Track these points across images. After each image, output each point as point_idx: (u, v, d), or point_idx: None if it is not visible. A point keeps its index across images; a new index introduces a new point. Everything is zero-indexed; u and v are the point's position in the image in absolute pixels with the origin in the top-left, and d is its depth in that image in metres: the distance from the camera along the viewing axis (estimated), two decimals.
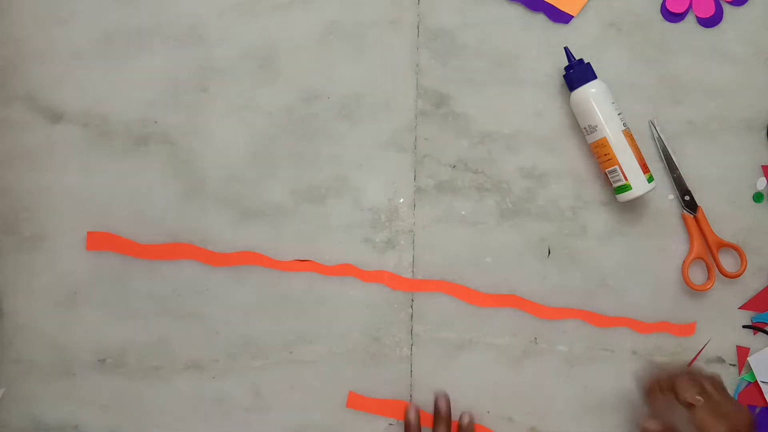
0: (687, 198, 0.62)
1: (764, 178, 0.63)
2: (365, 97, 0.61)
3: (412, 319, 0.61)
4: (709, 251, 0.63)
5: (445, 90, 0.61)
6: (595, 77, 0.58)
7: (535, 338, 0.62)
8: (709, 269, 0.63)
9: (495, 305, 0.62)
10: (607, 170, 0.59)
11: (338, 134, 0.61)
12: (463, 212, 0.62)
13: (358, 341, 0.61)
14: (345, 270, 0.61)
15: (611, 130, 0.57)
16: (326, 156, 0.61)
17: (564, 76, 0.59)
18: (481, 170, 0.62)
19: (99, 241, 0.61)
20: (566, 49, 0.58)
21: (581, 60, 0.59)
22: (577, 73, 0.58)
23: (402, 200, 0.61)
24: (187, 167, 0.61)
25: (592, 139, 0.58)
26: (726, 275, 0.63)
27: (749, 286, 0.64)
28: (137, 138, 0.61)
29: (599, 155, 0.58)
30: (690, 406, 0.50)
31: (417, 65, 0.61)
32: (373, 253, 0.61)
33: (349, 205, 0.61)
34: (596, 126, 0.57)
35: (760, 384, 0.63)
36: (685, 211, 0.62)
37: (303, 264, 0.61)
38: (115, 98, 0.61)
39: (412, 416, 0.60)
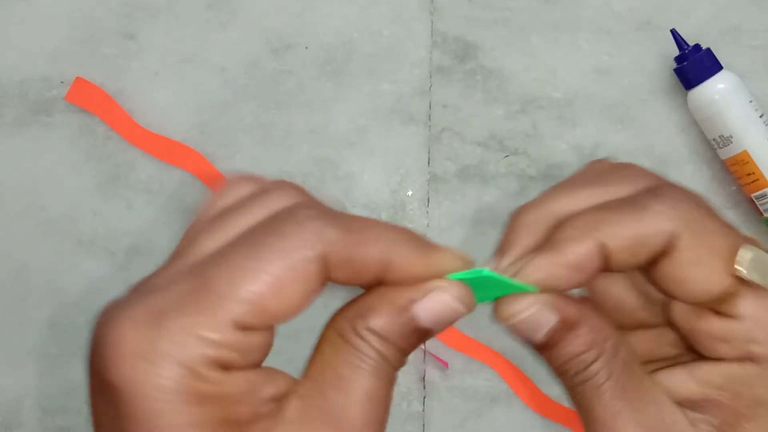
0: None
1: None
2: (358, 47, 0.54)
3: (425, 360, 0.53)
4: None
5: (471, 37, 0.54)
6: (720, 68, 0.51)
7: None
8: None
9: None
10: (753, 195, 0.52)
11: (320, 99, 0.54)
12: (497, 210, 0.54)
13: None
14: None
15: (753, 140, 0.51)
16: (303, 130, 0.54)
17: (675, 71, 0.52)
18: (522, 150, 0.54)
19: None
20: (674, 33, 0.51)
21: (698, 46, 0.51)
22: (694, 65, 0.51)
23: (411, 193, 0.54)
24: (105, 146, 0.53)
25: (726, 153, 0.52)
26: None
27: None
28: (36, 105, 0.54)
29: (740, 175, 0.52)
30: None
31: (432, 1, 0.54)
32: None
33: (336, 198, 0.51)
34: (731, 136, 0.50)
35: None
36: None
37: None
38: (4, 49, 0.54)
39: None
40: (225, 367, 0.20)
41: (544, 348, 0.24)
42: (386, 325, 0.22)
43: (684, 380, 0.24)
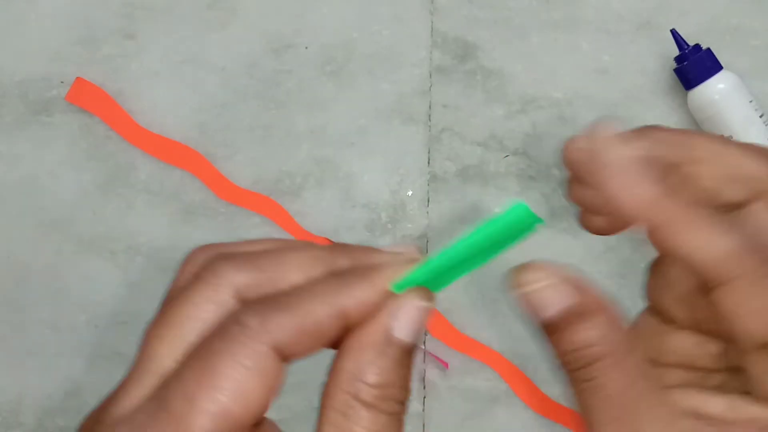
0: None
1: None
2: (358, 47, 0.54)
3: (425, 360, 0.53)
4: None
5: (471, 37, 0.54)
6: (720, 68, 0.51)
7: None
8: None
9: None
10: None
11: (320, 99, 0.54)
12: (497, 210, 0.53)
13: None
14: None
15: (754, 140, 0.51)
16: (303, 130, 0.54)
17: (675, 71, 0.52)
18: (522, 150, 0.54)
19: None
20: (674, 33, 0.51)
21: (698, 46, 0.51)
22: (694, 65, 0.51)
23: (411, 193, 0.54)
24: (105, 146, 0.53)
25: None
26: None
27: None
28: (36, 105, 0.53)
29: None
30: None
31: (432, 1, 0.54)
32: None
33: (336, 199, 0.54)
34: (731, 136, 0.50)
35: None
36: None
37: None
38: (4, 49, 0.54)
39: None
40: None
41: (550, 329, 0.22)
42: (379, 371, 0.22)
43: (722, 412, 0.22)
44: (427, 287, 0.23)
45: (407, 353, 0.22)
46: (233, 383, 0.20)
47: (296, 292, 0.22)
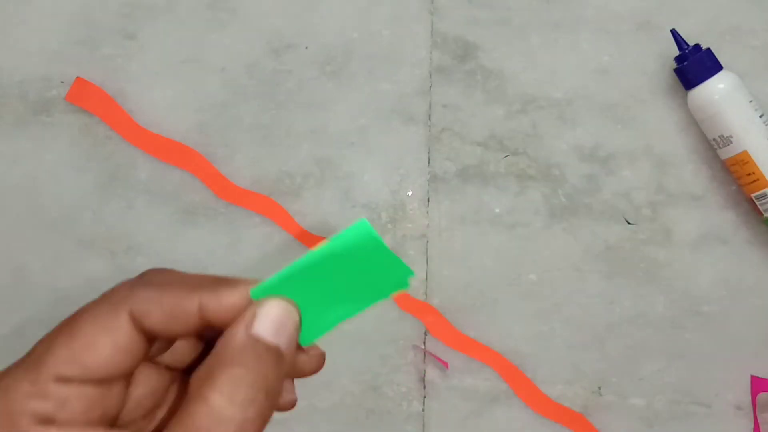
0: None
1: None
2: (358, 47, 0.53)
3: (425, 360, 0.52)
4: None
5: (471, 37, 0.54)
6: (720, 68, 0.51)
7: (599, 387, 0.54)
8: None
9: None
10: (753, 195, 0.51)
11: (320, 99, 0.53)
12: (497, 209, 0.54)
13: (349, 391, 0.54)
14: None
15: (754, 140, 0.50)
16: (303, 130, 0.53)
17: (675, 71, 0.52)
18: (522, 150, 0.54)
19: None
20: (674, 33, 0.51)
21: (698, 46, 0.50)
22: (694, 65, 0.51)
23: (411, 193, 0.54)
24: (105, 146, 0.52)
25: (726, 153, 0.51)
26: None
27: None
28: (36, 105, 0.52)
29: (739, 175, 0.52)
30: None
31: (432, 1, 0.54)
32: None
33: (336, 199, 0.53)
34: (731, 136, 0.50)
35: None
36: None
37: None
38: (4, 49, 0.53)
39: None
40: (45, 420, 0.22)
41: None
42: (241, 367, 0.24)
43: None
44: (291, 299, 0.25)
45: (272, 353, 0.24)
46: (87, 336, 0.23)
47: (172, 280, 0.25)
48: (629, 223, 0.53)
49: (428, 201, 0.53)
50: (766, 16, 0.53)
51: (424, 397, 0.52)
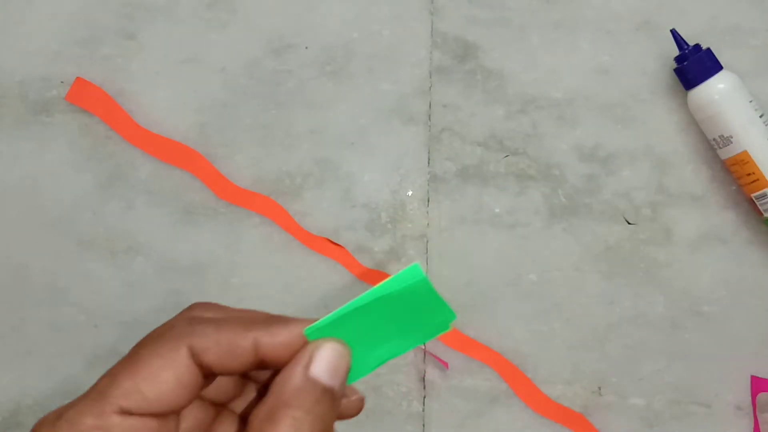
0: None
1: None
2: (358, 47, 0.53)
3: (425, 360, 0.52)
4: None
5: (471, 37, 0.53)
6: (720, 68, 0.50)
7: (599, 387, 0.53)
8: None
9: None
10: (753, 195, 0.51)
11: (320, 99, 0.53)
12: (496, 209, 0.53)
13: None
14: None
15: (753, 140, 0.50)
16: (303, 130, 0.53)
17: (675, 71, 0.51)
18: (522, 150, 0.53)
19: None
20: (674, 33, 0.50)
21: (698, 46, 0.50)
22: (694, 65, 0.50)
23: (411, 193, 0.53)
24: (105, 146, 0.52)
25: (726, 153, 0.51)
26: None
27: None
28: (36, 105, 0.52)
29: (739, 175, 0.51)
30: None
31: (432, 1, 0.53)
32: (371, 266, 0.54)
33: (336, 199, 0.53)
34: (731, 136, 0.50)
35: None
36: None
37: None
38: (4, 49, 0.52)
39: None
40: None
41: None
42: (299, 406, 0.24)
43: None
44: (341, 340, 0.26)
45: (328, 395, 0.25)
46: (149, 369, 0.24)
47: (228, 319, 0.26)
48: (629, 223, 0.52)
49: (428, 201, 0.52)
50: (766, 16, 0.52)
51: (424, 397, 0.52)
